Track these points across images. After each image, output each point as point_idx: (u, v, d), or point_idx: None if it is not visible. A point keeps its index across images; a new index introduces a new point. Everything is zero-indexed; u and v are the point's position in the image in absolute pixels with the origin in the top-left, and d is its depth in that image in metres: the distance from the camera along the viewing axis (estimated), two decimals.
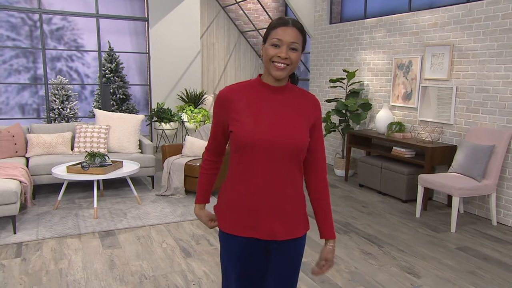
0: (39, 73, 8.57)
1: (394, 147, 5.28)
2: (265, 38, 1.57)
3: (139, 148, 5.60)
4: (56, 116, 8.45)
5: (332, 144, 7.09)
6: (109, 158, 4.73)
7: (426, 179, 4.47)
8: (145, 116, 8.87)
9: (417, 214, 4.63)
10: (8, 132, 5.17)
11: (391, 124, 5.49)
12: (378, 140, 6.05)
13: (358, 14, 6.62)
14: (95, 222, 4.20)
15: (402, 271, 3.34)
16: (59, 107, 8.48)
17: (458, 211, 4.82)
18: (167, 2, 8.27)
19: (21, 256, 3.45)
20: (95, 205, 4.32)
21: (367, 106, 6.05)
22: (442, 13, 5.08)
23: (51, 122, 8.38)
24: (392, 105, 5.85)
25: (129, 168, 4.68)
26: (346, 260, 3.51)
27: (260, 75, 1.63)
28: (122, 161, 4.75)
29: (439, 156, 4.80)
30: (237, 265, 1.61)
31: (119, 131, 5.44)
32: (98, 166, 4.45)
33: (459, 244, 3.90)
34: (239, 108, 1.57)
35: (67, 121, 8.59)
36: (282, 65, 1.52)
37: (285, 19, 1.54)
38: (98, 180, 5.28)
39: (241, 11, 9.63)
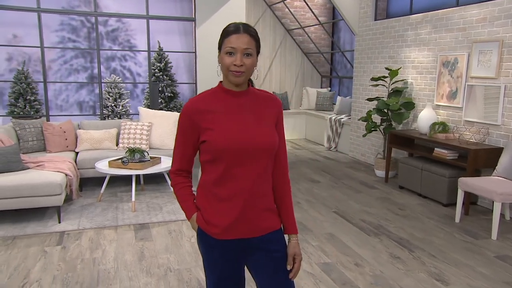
0: (96, 72, 9.08)
1: (435, 148, 5.07)
2: (220, 47, 1.60)
3: None
4: (109, 113, 8.92)
5: (375, 144, 6.92)
6: (148, 154, 4.95)
7: (466, 183, 4.25)
8: None
9: (457, 219, 4.42)
10: (60, 128, 5.55)
11: (434, 124, 5.27)
12: (420, 141, 5.82)
13: (404, 10, 6.40)
14: (132, 215, 4.42)
15: (430, 277, 3.22)
16: (112, 105, 8.95)
17: (503, 217, 4.54)
18: (214, 2, 8.44)
19: (62, 244, 3.72)
20: (133, 198, 4.54)
21: (410, 105, 5.85)
22: (492, 7, 4.79)
23: (104, 119, 8.86)
24: (436, 105, 5.60)
25: (166, 164, 4.86)
26: (372, 263, 3.44)
27: (221, 82, 1.66)
28: (160, 157, 4.95)
29: (483, 159, 4.55)
30: (216, 269, 1.65)
31: (161, 128, 5.67)
32: (137, 162, 4.67)
33: (498, 252, 3.69)
34: (208, 118, 1.60)
35: (119, 118, 9.05)
36: (238, 72, 1.55)
37: (236, 26, 1.56)
38: (138, 175, 5.53)
39: (287, 9, 9.62)
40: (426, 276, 3.25)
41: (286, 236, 1.87)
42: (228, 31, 1.56)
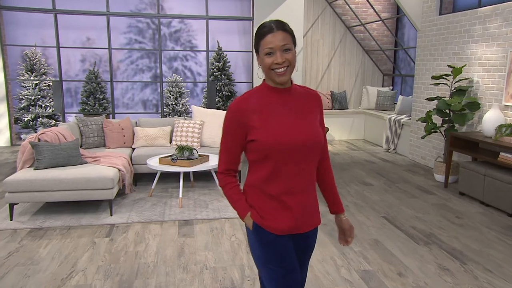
0: (159, 72, 9.45)
1: (501, 153, 4.65)
2: (257, 49, 1.61)
3: None
4: (170, 111, 9.25)
5: (436, 147, 6.51)
6: (197, 152, 5.04)
7: None
8: None
9: None
10: (119, 125, 5.83)
11: (500, 126, 4.83)
12: (484, 144, 5.37)
13: (472, 3, 5.94)
14: (179, 211, 4.53)
15: None
16: (173, 103, 9.27)
17: None
18: (272, 1, 8.41)
19: (110, 236, 3.90)
20: (180, 195, 4.65)
21: (474, 105, 5.42)
22: None
23: (165, 117, 9.21)
24: (505, 105, 5.14)
25: (214, 162, 4.93)
26: (417, 274, 3.22)
27: (264, 80, 1.67)
28: (209, 155, 5.02)
29: None
30: (283, 263, 1.66)
31: (212, 127, 5.76)
32: (185, 159, 4.78)
33: None
34: (256, 117, 1.60)
35: (179, 116, 9.35)
36: (282, 69, 1.57)
37: (269, 25, 1.56)
38: (188, 172, 5.66)
39: (347, 6, 9.35)
40: None
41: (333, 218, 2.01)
42: (262, 32, 1.57)
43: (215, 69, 8.99)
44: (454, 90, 5.65)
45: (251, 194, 1.67)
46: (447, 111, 5.63)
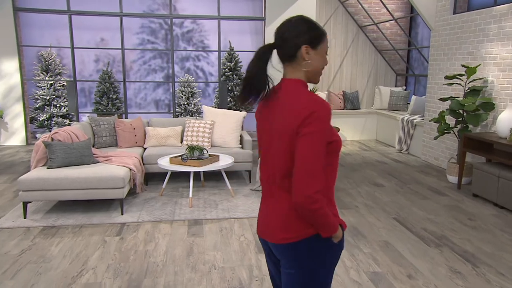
0: (172, 72, 9.50)
1: None
2: (317, 43, 1.51)
3: (240, 143, 5.86)
4: (182, 111, 9.30)
5: (449, 148, 6.42)
6: (207, 152, 5.06)
7: None
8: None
9: None
10: (131, 125, 5.88)
11: None
12: (498, 145, 5.28)
13: (488, 1, 5.84)
14: (189, 210, 4.55)
15: None
16: (185, 103, 9.31)
17: None
18: (284, 1, 8.40)
19: (121, 235, 3.94)
20: (190, 194, 4.67)
21: (489, 106, 5.33)
22: None
23: (177, 117, 9.26)
24: None
25: (224, 162, 4.94)
26: (427, 276, 3.18)
27: (299, 80, 1.53)
28: (219, 155, 5.04)
29: None
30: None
31: (222, 127, 5.77)
32: (195, 159, 4.80)
33: None
34: None
35: (191, 116, 9.39)
36: None
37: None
38: (199, 172, 5.68)
39: (360, 6, 9.28)
40: None
41: None
42: (324, 31, 1.54)
43: (226, 69, 9.01)
44: (468, 90, 5.57)
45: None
46: (461, 111, 5.55)
